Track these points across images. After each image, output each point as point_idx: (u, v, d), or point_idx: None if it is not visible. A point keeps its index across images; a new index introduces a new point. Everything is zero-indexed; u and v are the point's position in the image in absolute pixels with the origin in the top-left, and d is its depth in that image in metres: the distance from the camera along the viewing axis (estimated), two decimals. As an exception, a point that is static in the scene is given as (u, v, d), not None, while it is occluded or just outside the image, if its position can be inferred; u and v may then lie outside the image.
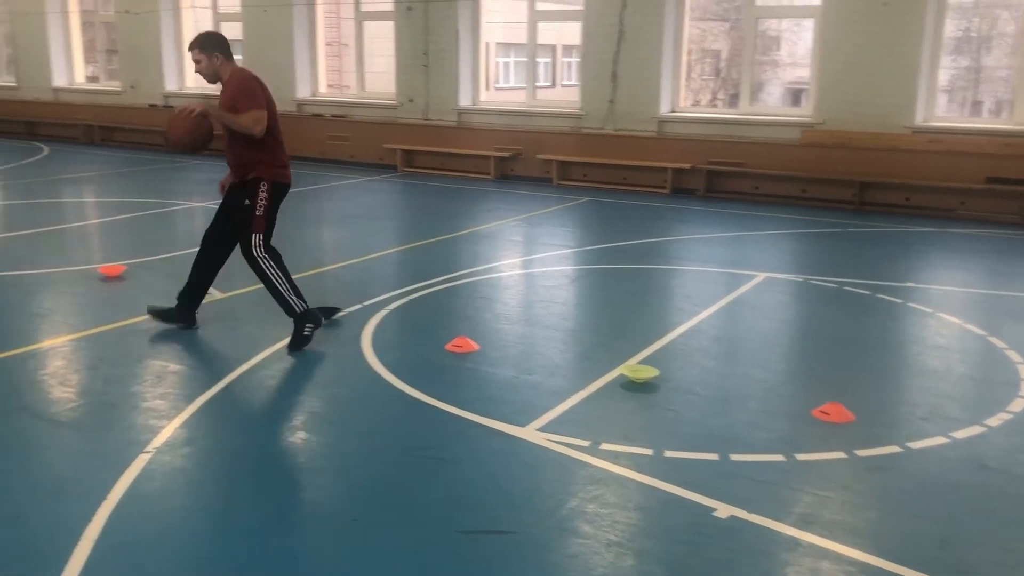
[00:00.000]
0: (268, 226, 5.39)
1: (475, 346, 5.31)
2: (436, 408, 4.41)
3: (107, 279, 6.82)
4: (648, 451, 3.97)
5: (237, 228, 5.38)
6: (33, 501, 3.48)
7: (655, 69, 11.55)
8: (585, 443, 4.02)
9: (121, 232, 9.02)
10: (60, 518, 3.36)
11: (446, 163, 13.25)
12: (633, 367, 4.90)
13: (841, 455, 3.96)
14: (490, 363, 5.10)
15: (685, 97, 12.08)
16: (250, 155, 5.26)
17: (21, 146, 16.18)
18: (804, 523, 3.37)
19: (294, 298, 5.31)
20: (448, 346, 5.31)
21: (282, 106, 13.39)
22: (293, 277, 5.44)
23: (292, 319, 5.30)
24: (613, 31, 11.67)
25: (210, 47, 5.23)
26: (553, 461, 3.88)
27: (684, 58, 11.87)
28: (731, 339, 5.76)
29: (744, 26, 11.82)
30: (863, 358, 5.33)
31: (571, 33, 23.65)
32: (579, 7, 12.24)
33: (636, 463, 3.85)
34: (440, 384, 4.76)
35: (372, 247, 8.42)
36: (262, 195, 5.29)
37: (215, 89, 5.47)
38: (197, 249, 5.73)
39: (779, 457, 3.94)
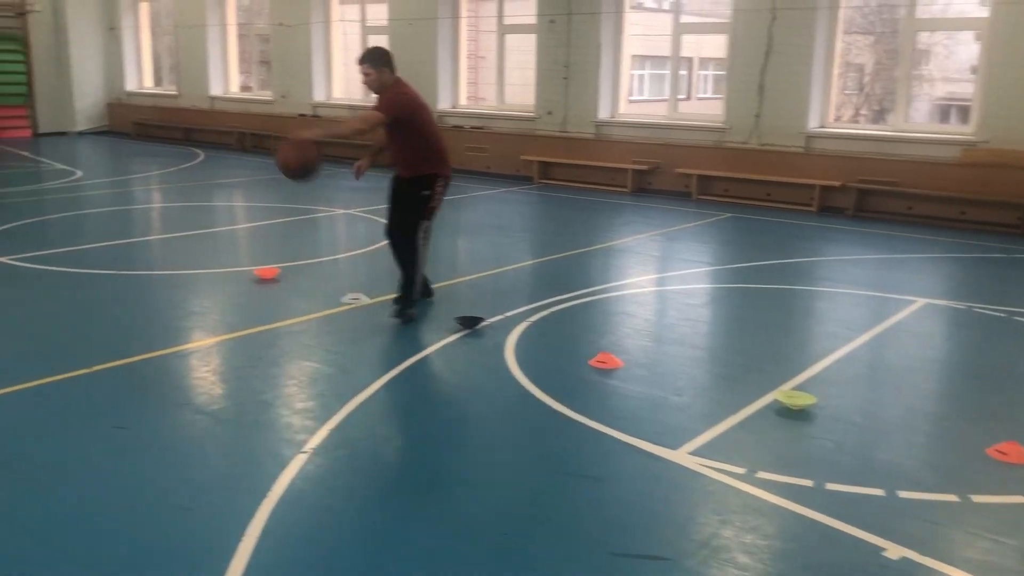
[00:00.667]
0: (434, 215, 6.20)
1: (619, 363, 5.23)
2: (583, 425, 4.35)
3: (262, 281, 7.08)
4: (808, 482, 3.79)
5: (407, 213, 6.08)
6: (200, 494, 3.61)
7: (804, 83, 11.19)
8: (740, 470, 3.87)
9: (272, 236, 9.38)
10: (225, 512, 3.47)
11: (583, 175, 13.21)
12: (788, 393, 4.71)
13: (1021, 500, 3.68)
14: (636, 381, 5.01)
15: (840, 113, 11.65)
16: (410, 156, 6.05)
17: (180, 151, 17.12)
18: (983, 571, 3.14)
19: (418, 285, 6.12)
20: (592, 361, 5.25)
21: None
22: (436, 284, 5.54)
23: (405, 295, 6.05)
24: (761, 43, 11.37)
25: (379, 62, 5.91)
26: (707, 487, 3.76)
27: (835, 72, 11.45)
28: (892, 368, 5.46)
29: (901, 39, 11.28)
30: (1040, 395, 4.96)
31: (710, 45, 23.26)
32: (725, 19, 11.99)
33: (795, 494, 3.68)
34: (586, 400, 4.70)
35: (510, 258, 8.45)
36: (439, 189, 6.13)
37: (359, 101, 5.68)
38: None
39: (952, 497, 3.68)
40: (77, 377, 4.87)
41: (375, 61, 5.88)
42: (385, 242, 6.33)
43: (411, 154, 6.03)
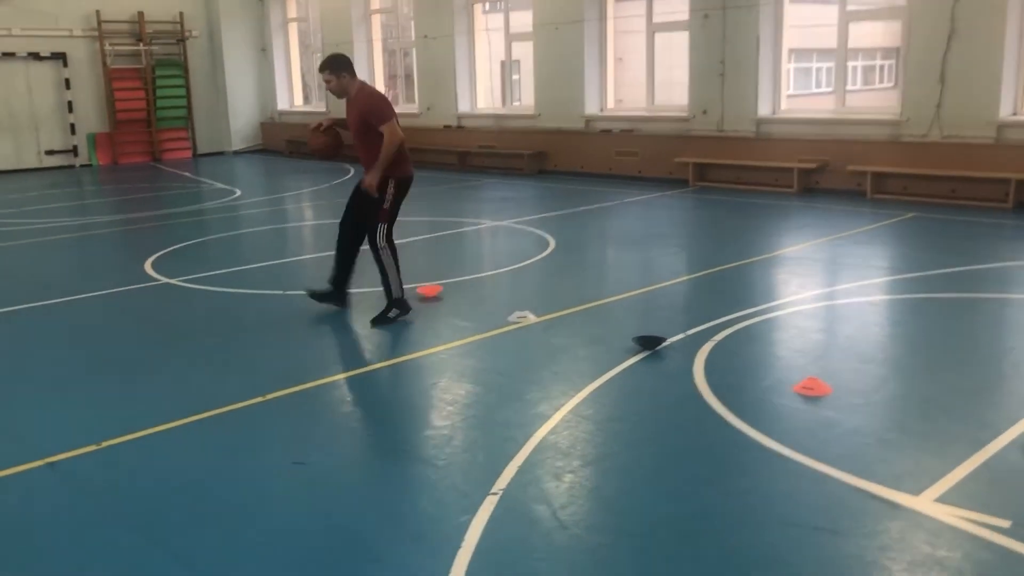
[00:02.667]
0: (392, 218, 6.27)
1: (828, 389, 4.66)
2: (802, 465, 3.83)
3: (425, 299, 6.87)
4: (1094, 541, 3.16)
5: (371, 217, 6.24)
6: (390, 544, 3.32)
7: (994, 68, 10.16)
8: (1003, 523, 3.27)
9: (427, 251, 9.21)
10: (416, 562, 3.17)
11: (743, 176, 12.52)
12: (1042, 426, 4.04)
13: None
14: (851, 411, 4.43)
15: (1028, 98, 10.54)
16: (375, 156, 6.07)
17: (330, 167, 17.40)
18: None
19: (400, 283, 6.25)
20: (796, 388, 4.70)
21: (570, 123, 13.30)
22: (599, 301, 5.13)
23: (388, 299, 6.22)
24: (942, 27, 10.41)
25: (338, 68, 6.11)
26: (965, 544, 3.18)
27: (1030, 54, 10.36)
28: None
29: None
30: None
31: (868, 34, 21.90)
32: (900, 4, 11.07)
33: (1081, 557, 3.06)
34: (798, 434, 4.17)
35: (674, 270, 7.95)
36: (390, 191, 6.18)
37: (502, 111, 5.33)
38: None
39: None
40: (253, 406, 4.72)
41: (335, 67, 6.11)
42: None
43: (371, 155, 6.10)
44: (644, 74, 14.29)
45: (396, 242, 6.36)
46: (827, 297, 6.73)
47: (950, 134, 10.60)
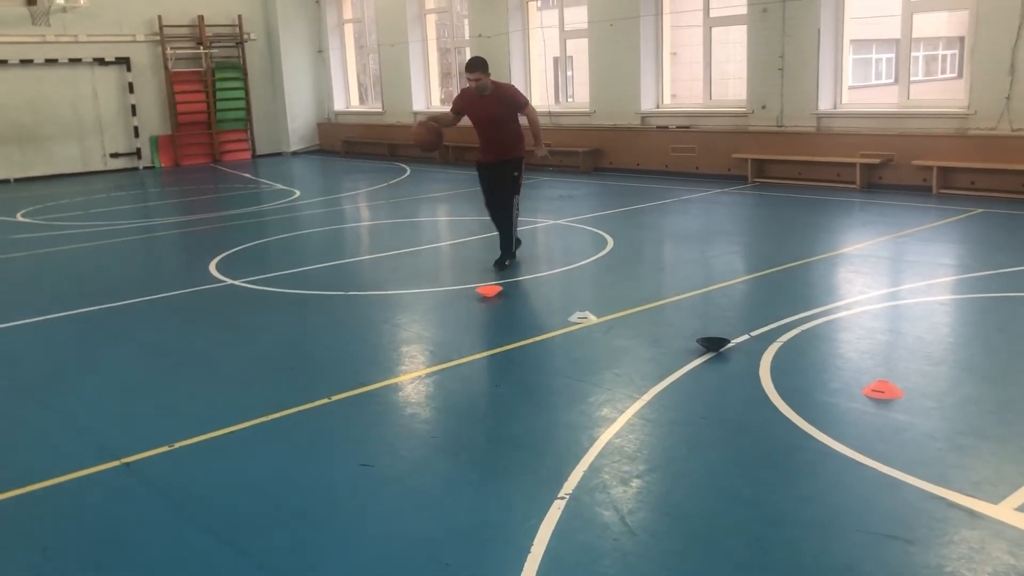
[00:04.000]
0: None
1: (900, 392, 4.56)
2: (875, 471, 3.76)
3: (484, 299, 6.88)
4: None
5: (506, 190, 7.76)
6: (460, 547, 3.33)
7: (1067, 57, 9.84)
8: (1089, 534, 3.17)
9: (481, 250, 9.22)
10: (485, 567, 3.18)
11: (804, 172, 12.31)
12: None
13: None
14: (924, 415, 4.33)
15: (1104, 88, 10.18)
16: (517, 138, 7.76)
17: (387, 167, 17.56)
18: None
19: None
20: (866, 390, 4.61)
21: (626, 120, 13.43)
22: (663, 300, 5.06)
23: (507, 253, 7.86)
24: (1012, 17, 10.10)
25: (487, 68, 7.48)
26: (1051, 556, 3.08)
27: (1105, 42, 10.00)
28: None
29: None
30: None
31: (931, 23, 21.36)
32: (967, -7, 10.79)
33: None
34: (869, 439, 4.08)
35: (735, 268, 7.85)
36: (524, 165, 7.91)
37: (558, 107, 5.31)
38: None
39: None
40: (319, 408, 4.79)
41: (485, 68, 7.45)
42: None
43: (516, 137, 7.71)
44: (699, 69, 14.13)
45: (453, 241, 6.43)
46: (893, 297, 6.59)
47: (1021, 127, 10.29)
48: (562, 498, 3.63)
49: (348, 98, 21.38)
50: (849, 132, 11.88)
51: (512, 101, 7.63)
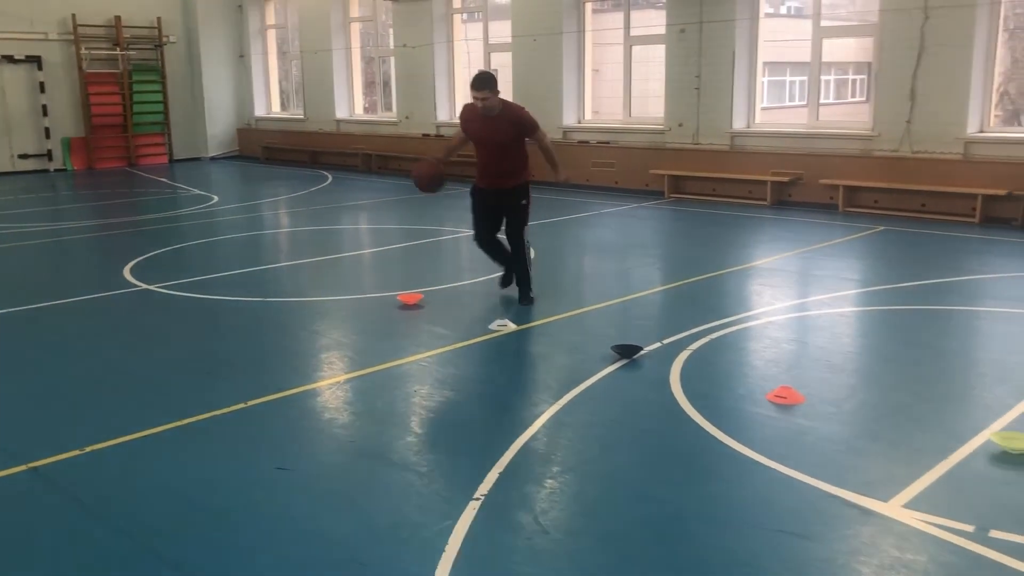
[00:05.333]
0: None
1: (801, 398, 4.79)
2: (776, 471, 3.95)
3: (406, 307, 6.93)
4: (1053, 545, 3.29)
5: (515, 222, 6.91)
6: (375, 547, 3.38)
7: (962, 85, 10.41)
8: (968, 528, 3.40)
9: (407, 259, 9.27)
10: (400, 567, 3.23)
11: (718, 188, 12.70)
12: (1005, 435, 4.18)
13: None
14: (823, 419, 4.56)
15: (995, 116, 10.81)
16: (522, 164, 6.91)
17: (308, 174, 17.42)
18: None
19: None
20: (770, 396, 4.82)
21: (549, 134, 13.59)
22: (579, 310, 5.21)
23: (526, 290, 6.93)
24: (912, 45, 10.65)
25: (495, 86, 6.53)
26: (933, 549, 3.30)
27: (996, 73, 10.62)
28: (1116, 403, 4.82)
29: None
30: None
31: (841, 48, 22.25)
32: (872, 21, 11.32)
33: (1042, 560, 3.19)
34: (772, 442, 4.28)
35: (651, 280, 8.08)
36: (530, 194, 6.98)
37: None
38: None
39: None
40: (235, 412, 4.77)
41: (493, 86, 6.52)
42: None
43: (521, 163, 6.90)
44: (622, 86, 14.45)
45: (375, 249, 6.48)
46: (799, 308, 6.88)
47: (920, 149, 10.84)
48: (477, 499, 3.71)
49: (269, 104, 21.15)
50: (761, 151, 12.32)
51: (521, 124, 6.71)
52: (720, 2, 12.31)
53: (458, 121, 7.06)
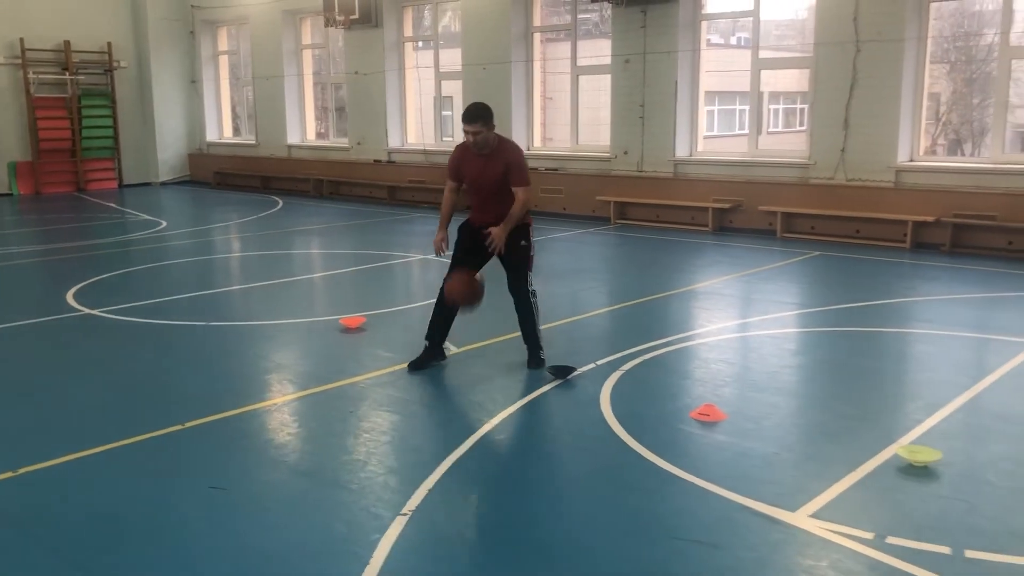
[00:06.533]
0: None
1: (723, 415, 4.99)
2: (693, 484, 4.13)
3: (348, 330, 7.04)
4: (944, 549, 3.50)
5: (516, 267, 5.99)
6: (303, 561, 3.49)
7: (892, 116, 10.85)
8: (868, 535, 3.60)
9: (353, 283, 9.38)
10: (327, 582, 3.35)
11: (661, 215, 13.00)
12: (910, 448, 4.41)
13: None
14: (743, 435, 4.76)
15: (925, 145, 11.26)
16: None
17: (259, 199, 17.44)
18: None
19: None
20: (694, 414, 5.02)
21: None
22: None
23: (535, 351, 6.01)
24: (845, 77, 11.08)
25: (488, 119, 5.74)
26: (834, 555, 3.49)
27: (924, 104, 11.09)
28: (1020, 419, 5.09)
29: (999, 68, 10.83)
30: None
31: (781, 79, 22.86)
32: (807, 54, 11.75)
33: (932, 562, 3.39)
34: (691, 457, 4.47)
35: (593, 303, 8.28)
36: (533, 237, 6.04)
37: (432, 146, 5.67)
38: (433, 300, 6.10)
39: (1111, 568, 3.35)
40: (171, 434, 4.84)
41: (486, 119, 5.72)
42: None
43: (503, 207, 5.85)
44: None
45: (323, 274, 6.53)
46: (731, 330, 7.11)
47: (853, 177, 11.24)
48: (405, 514, 3.83)
49: (221, 129, 21.13)
50: (703, 178, 12.66)
51: (509, 169, 5.82)
52: (663, 33, 12.68)
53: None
